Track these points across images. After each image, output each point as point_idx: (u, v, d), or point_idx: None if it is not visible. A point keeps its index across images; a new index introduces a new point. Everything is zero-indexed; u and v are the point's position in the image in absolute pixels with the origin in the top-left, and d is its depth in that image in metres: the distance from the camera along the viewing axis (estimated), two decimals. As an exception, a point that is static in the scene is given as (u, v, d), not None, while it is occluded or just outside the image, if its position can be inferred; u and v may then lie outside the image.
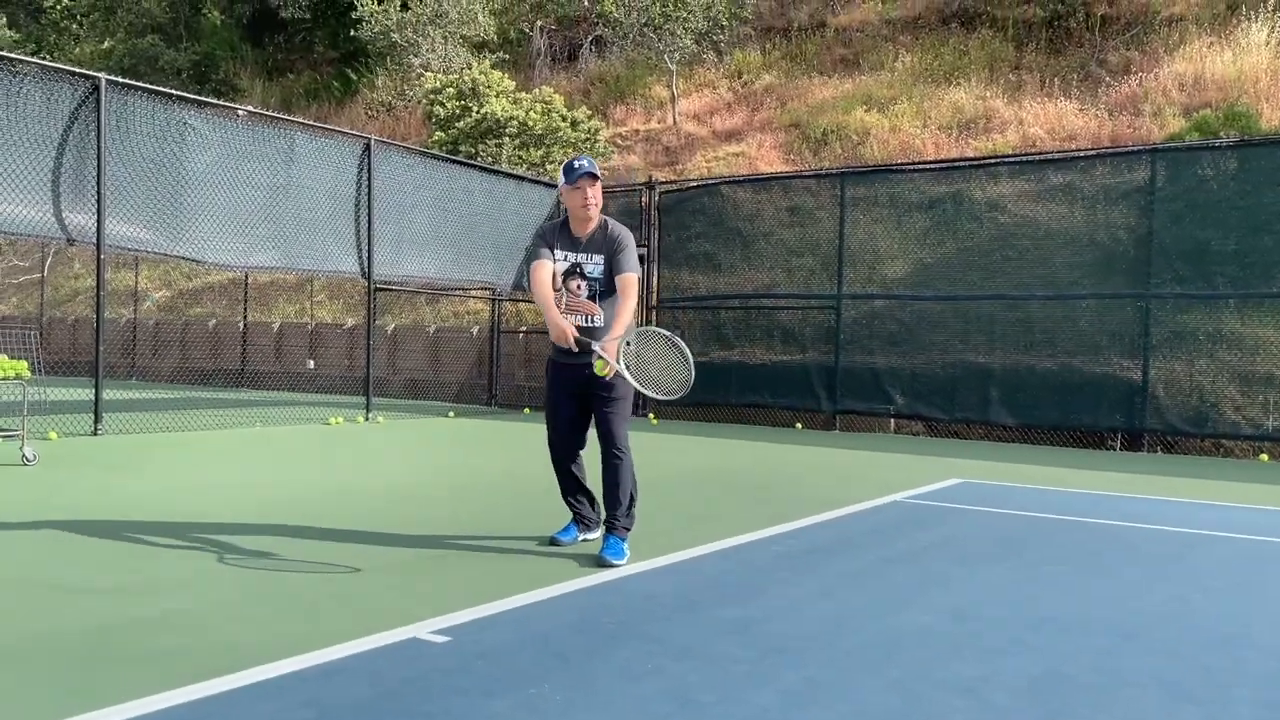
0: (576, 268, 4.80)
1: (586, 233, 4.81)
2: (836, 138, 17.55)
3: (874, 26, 20.26)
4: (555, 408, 4.99)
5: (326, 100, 25.02)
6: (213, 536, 4.95)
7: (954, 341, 11.71)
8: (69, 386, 10.68)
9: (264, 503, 6.03)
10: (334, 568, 4.39)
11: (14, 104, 8.71)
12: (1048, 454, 10.21)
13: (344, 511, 5.80)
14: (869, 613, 3.88)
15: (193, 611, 3.66)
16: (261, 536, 4.99)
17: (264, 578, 4.19)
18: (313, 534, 5.09)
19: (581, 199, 4.74)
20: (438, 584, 4.19)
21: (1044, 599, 4.17)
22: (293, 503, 6.06)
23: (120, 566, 4.32)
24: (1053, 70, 17.44)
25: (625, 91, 21.35)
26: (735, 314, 13.46)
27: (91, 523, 5.23)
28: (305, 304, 19.16)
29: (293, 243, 11.18)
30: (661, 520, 5.76)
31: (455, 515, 5.83)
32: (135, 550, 4.63)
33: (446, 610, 3.73)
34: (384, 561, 4.55)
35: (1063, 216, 11.22)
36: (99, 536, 4.89)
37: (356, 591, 4.02)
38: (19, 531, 4.96)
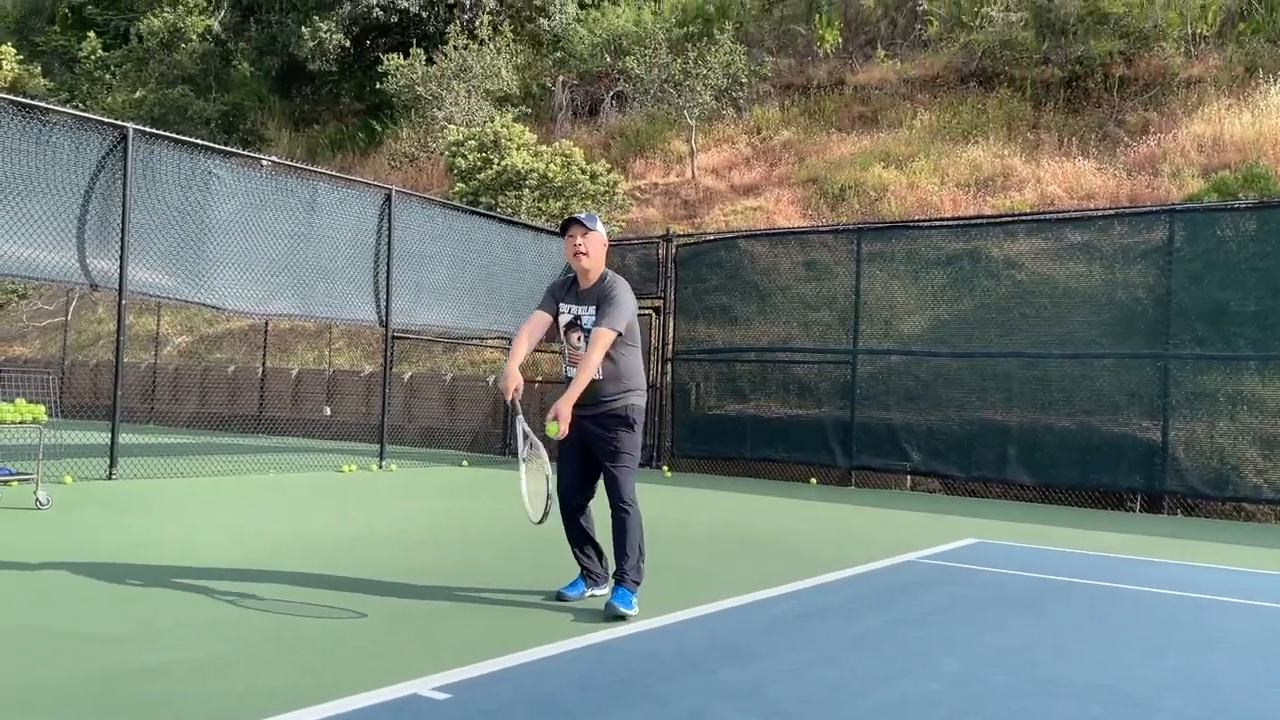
0: (576, 320, 4.82)
1: (588, 285, 4.84)
2: (854, 193, 17.64)
3: (892, 85, 20.46)
4: (561, 459, 4.98)
5: (351, 150, 25.42)
6: (219, 584, 4.93)
7: (971, 399, 11.64)
8: (87, 430, 10.76)
9: (272, 550, 6.02)
10: (338, 617, 4.37)
11: (44, 152, 8.89)
12: (1066, 514, 10.08)
13: (352, 560, 5.78)
14: (874, 678, 3.81)
15: (194, 660, 3.63)
16: (268, 584, 4.97)
17: (268, 627, 4.16)
18: (318, 582, 5.07)
19: (572, 247, 4.81)
20: (442, 638, 4.15)
21: (1055, 664, 4.09)
22: (300, 550, 6.04)
23: (125, 613, 4.30)
24: (1071, 129, 17.52)
25: (645, 145, 21.59)
26: (751, 367, 13.45)
27: (100, 568, 5.22)
28: (324, 350, 19.29)
29: (312, 291, 11.28)
30: (669, 576, 5.70)
31: (463, 565, 5.79)
32: (141, 597, 4.62)
33: (449, 666, 3.69)
34: (389, 613, 4.52)
35: (1081, 275, 11.18)
36: (107, 582, 4.88)
37: (359, 643, 3.99)
38: (28, 576, 4.96)
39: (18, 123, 8.70)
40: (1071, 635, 4.68)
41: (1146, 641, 4.62)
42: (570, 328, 4.82)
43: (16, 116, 8.71)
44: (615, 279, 4.85)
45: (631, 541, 4.73)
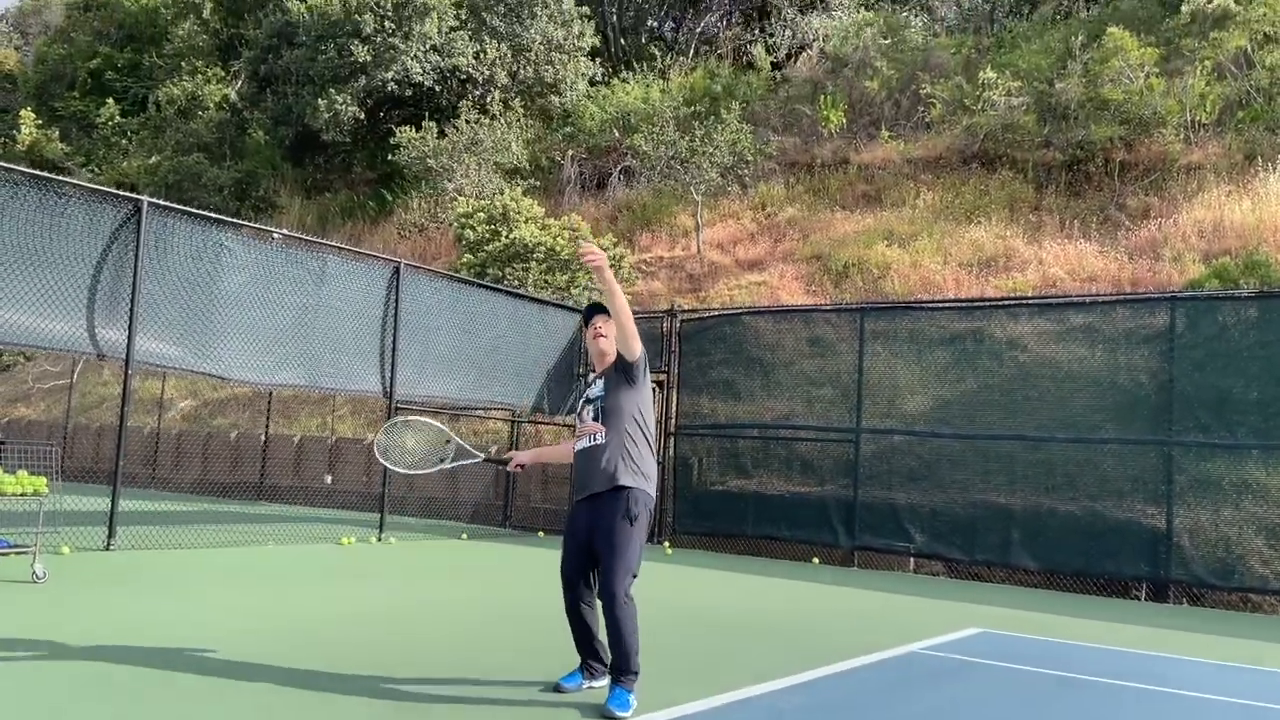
0: (586, 398, 4.96)
1: (604, 367, 4.98)
2: (858, 271, 17.79)
3: (896, 165, 20.76)
4: (565, 551, 4.96)
5: (361, 219, 25.74)
6: (209, 670, 4.88)
7: (974, 480, 11.58)
8: (88, 495, 10.72)
9: (265, 632, 5.95)
10: (329, 707, 4.31)
11: (59, 223, 9.01)
12: (1071, 602, 9.96)
13: (346, 645, 5.71)
14: (879, 784, 3.74)
15: (185, 757, 3.58)
16: (258, 671, 4.91)
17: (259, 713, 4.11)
18: (311, 669, 5.01)
19: (592, 332, 4.97)
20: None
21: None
22: (294, 633, 5.98)
23: (113, 699, 4.25)
24: (1072, 212, 17.72)
25: (651, 219, 21.85)
26: (754, 443, 13.42)
27: (91, 651, 5.17)
28: (327, 418, 19.30)
29: (318, 362, 11.33)
30: (671, 664, 5.63)
31: (459, 650, 5.72)
32: (129, 684, 4.56)
33: (443, 765, 3.63)
34: (381, 703, 4.46)
35: (1083, 358, 11.22)
36: (97, 664, 4.83)
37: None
38: (19, 657, 4.91)
39: (35, 195, 8.84)
40: (1077, 739, 4.60)
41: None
42: (584, 406, 4.93)
43: (34, 189, 8.86)
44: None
45: (624, 639, 4.61)
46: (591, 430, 4.82)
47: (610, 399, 4.82)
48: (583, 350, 14.93)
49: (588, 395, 4.92)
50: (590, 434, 4.82)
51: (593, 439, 4.80)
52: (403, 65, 24.17)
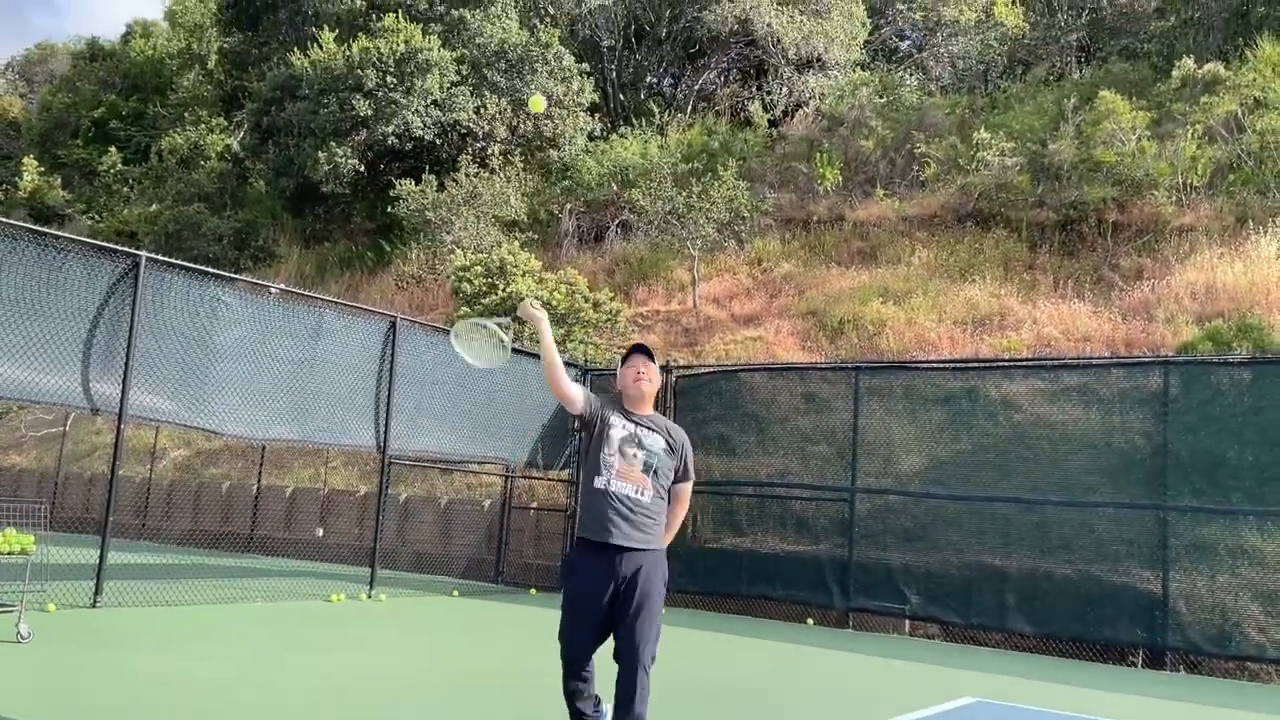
0: (634, 438, 4.65)
1: (643, 412, 4.78)
2: (853, 327, 17.85)
3: (891, 222, 20.93)
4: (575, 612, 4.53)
5: (360, 269, 25.85)
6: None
7: (969, 541, 11.52)
8: (76, 546, 10.62)
9: (249, 700, 5.87)
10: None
11: (55, 277, 9.04)
12: (1067, 669, 9.86)
13: (329, 711, 5.63)
14: None
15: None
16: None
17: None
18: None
19: (634, 373, 4.76)
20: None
21: None
22: (279, 700, 5.90)
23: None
24: (1066, 271, 17.85)
25: (648, 273, 21.96)
26: (749, 500, 13.36)
27: (77, 712, 5.09)
28: (320, 469, 19.21)
29: (312, 416, 11.31)
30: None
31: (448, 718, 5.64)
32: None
33: None
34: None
35: (1078, 419, 11.22)
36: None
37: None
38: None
39: (33, 249, 8.88)
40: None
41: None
42: (627, 442, 4.63)
43: (32, 243, 8.90)
44: (674, 424, 4.89)
45: (643, 708, 4.44)
46: (640, 483, 4.59)
47: (663, 466, 4.67)
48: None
49: (640, 439, 4.65)
50: (638, 485, 4.58)
51: (640, 491, 4.57)
52: (403, 119, 24.44)
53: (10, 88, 42.20)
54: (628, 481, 4.56)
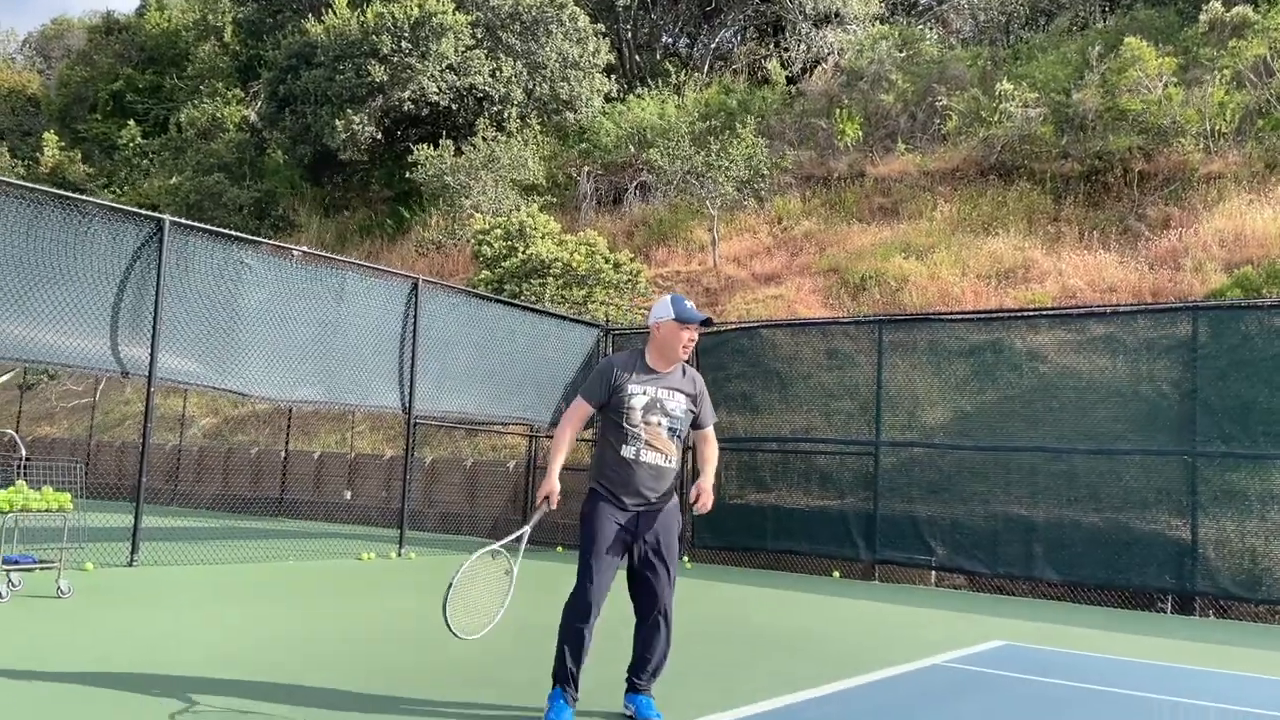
0: (657, 404, 4.61)
1: (667, 370, 4.68)
2: (875, 283, 17.75)
3: (912, 177, 20.73)
4: (597, 562, 4.54)
5: (380, 236, 25.90)
6: (234, 685, 4.89)
7: (995, 492, 11.50)
8: (111, 512, 10.79)
9: (286, 652, 5.97)
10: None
11: (82, 243, 9.12)
12: (1095, 615, 9.86)
13: (365, 662, 5.72)
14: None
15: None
16: (279, 686, 4.92)
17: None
18: (331, 688, 5.01)
19: (687, 338, 4.63)
20: (459, 745, 4.08)
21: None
22: (316, 652, 5.99)
23: (141, 715, 4.27)
24: (1091, 223, 17.65)
25: (667, 234, 21.89)
26: (772, 456, 13.37)
27: (114, 667, 5.20)
28: (346, 434, 19.38)
29: (337, 378, 11.39)
30: (695, 679, 5.60)
31: (480, 671, 5.72)
32: (151, 702, 4.58)
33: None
34: (407, 718, 4.46)
35: (1104, 369, 11.14)
36: (120, 683, 4.86)
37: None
38: (45, 672, 4.95)
39: (59, 214, 8.95)
40: (1104, 751, 4.54)
41: (1183, 759, 4.48)
42: (650, 410, 4.59)
43: (58, 208, 8.97)
44: (693, 370, 4.78)
45: (667, 650, 4.63)
46: (665, 449, 4.61)
47: (682, 423, 4.67)
48: (600, 365, 14.93)
49: (662, 404, 4.60)
50: (665, 454, 4.61)
51: (667, 459, 4.62)
52: (419, 85, 24.36)
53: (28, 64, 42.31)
54: (657, 451, 4.59)
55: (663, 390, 4.62)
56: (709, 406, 4.77)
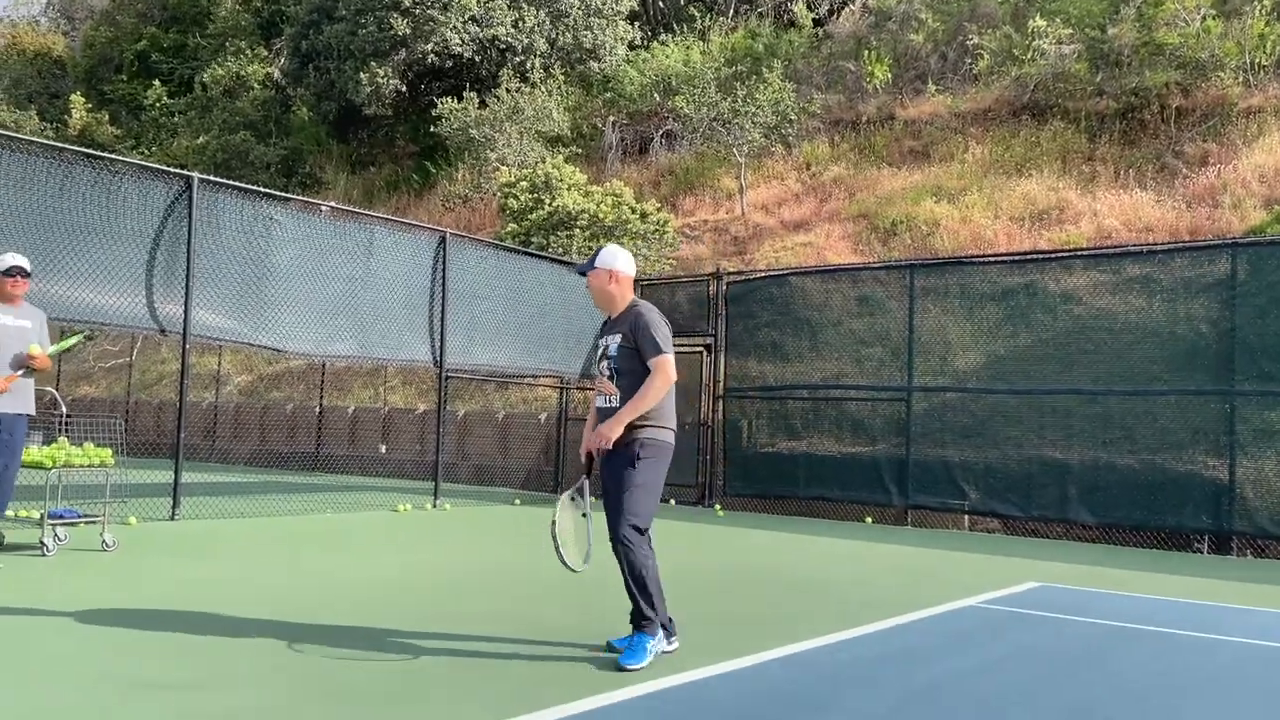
0: (601, 351, 4.91)
1: (616, 315, 4.90)
2: (906, 228, 17.55)
3: (943, 119, 20.37)
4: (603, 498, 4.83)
5: (406, 192, 25.89)
6: (280, 630, 5.00)
7: (1029, 436, 11.43)
8: (151, 469, 10.99)
9: (330, 595, 6.08)
10: (395, 667, 4.39)
11: (113, 202, 9.19)
12: (1131, 556, 9.83)
13: (407, 605, 5.82)
14: (941, 731, 3.73)
15: (258, 708, 3.68)
16: (326, 631, 5.02)
17: (327, 675, 4.20)
18: (375, 628, 5.11)
19: (593, 287, 4.93)
20: (493, 688, 4.16)
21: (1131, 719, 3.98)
22: (357, 595, 6.10)
23: (191, 660, 4.38)
24: (1127, 161, 17.29)
25: (694, 183, 21.71)
26: (803, 404, 13.36)
27: (165, 612, 5.32)
28: (379, 389, 19.55)
29: (369, 332, 11.47)
30: (727, 621, 5.65)
31: (516, 612, 5.80)
32: (204, 643, 4.69)
33: (501, 717, 3.69)
34: (442, 663, 4.54)
35: (1141, 309, 10.98)
36: (172, 627, 4.97)
37: (414, 693, 4.01)
38: (97, 622, 5.07)
39: (89, 173, 9.01)
40: (1145, 689, 4.55)
41: (1223, 696, 4.48)
42: (601, 358, 4.90)
43: (88, 167, 9.02)
44: (643, 306, 4.84)
45: (631, 583, 4.61)
46: (608, 391, 4.80)
47: (622, 363, 4.78)
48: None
49: (605, 351, 4.87)
50: (608, 395, 4.80)
51: (609, 400, 4.79)
52: (442, 36, 24.16)
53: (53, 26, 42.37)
54: (602, 394, 4.86)
55: (609, 337, 4.90)
56: (647, 339, 4.71)
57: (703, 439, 14.05)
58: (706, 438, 14.02)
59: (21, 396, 6.45)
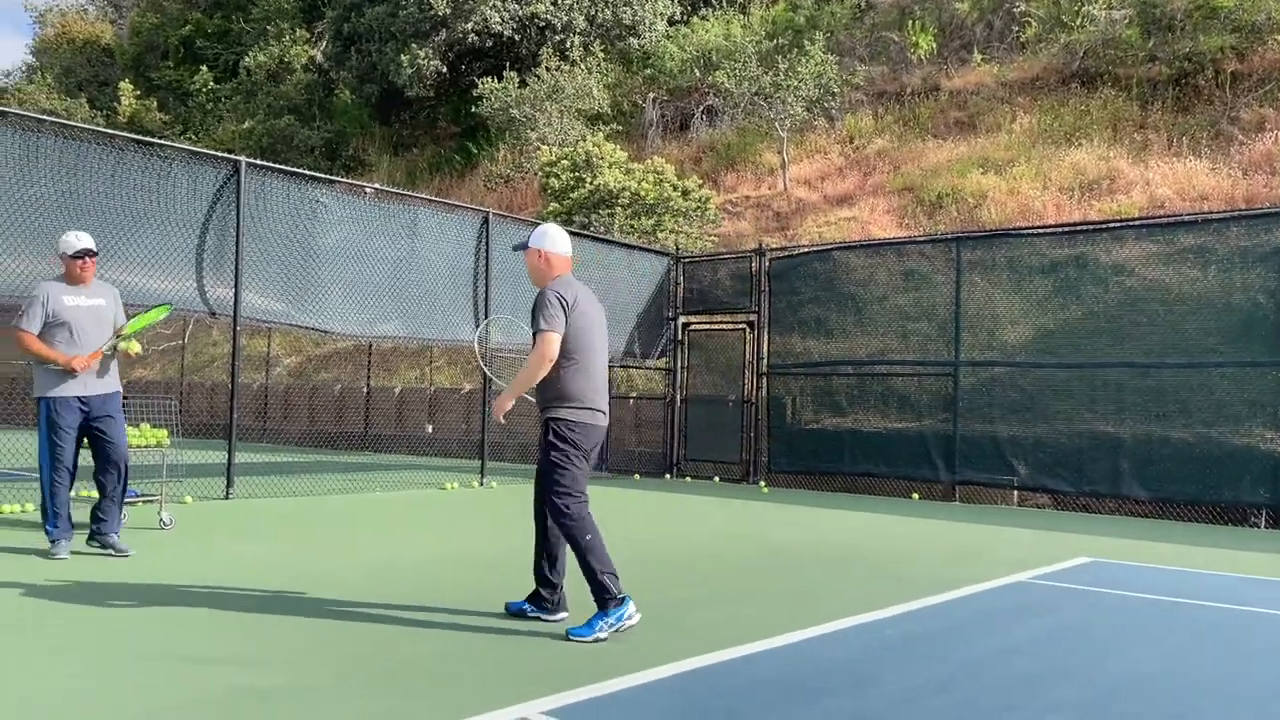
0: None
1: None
2: (952, 200, 17.29)
3: (989, 89, 20.01)
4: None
5: (448, 173, 26.01)
6: (333, 606, 5.09)
7: (1080, 410, 11.26)
8: (205, 449, 11.22)
9: (382, 571, 6.18)
10: (449, 642, 4.46)
11: (164, 187, 9.34)
12: (1185, 531, 9.67)
13: (459, 581, 5.89)
14: (990, 709, 3.71)
15: (312, 683, 3.76)
16: (379, 606, 5.10)
17: (382, 650, 4.27)
18: (427, 604, 5.18)
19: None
20: (546, 662, 4.20)
21: (1186, 698, 3.92)
22: (409, 571, 6.19)
23: (246, 636, 4.48)
24: (1181, 129, 16.87)
25: (736, 158, 21.56)
26: (848, 380, 13.27)
27: (222, 589, 5.44)
28: (425, 369, 19.74)
29: (415, 313, 11.58)
30: (773, 597, 5.66)
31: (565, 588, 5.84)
32: (260, 619, 4.79)
33: (553, 690, 3.73)
34: (495, 638, 4.60)
35: (1195, 280, 10.74)
36: (229, 604, 5.09)
37: (469, 667, 4.06)
38: (156, 598, 5.20)
39: (140, 159, 9.17)
40: (1201, 665, 4.49)
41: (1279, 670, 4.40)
42: None
43: (138, 154, 9.18)
44: (553, 284, 5.00)
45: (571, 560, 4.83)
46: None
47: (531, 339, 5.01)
48: (670, 293, 14.91)
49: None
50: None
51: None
52: (482, 16, 24.17)
53: (100, 14, 43.01)
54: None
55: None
56: (534, 316, 4.94)
57: (746, 416, 14.02)
58: (750, 414, 13.99)
59: (110, 375, 6.52)
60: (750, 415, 13.99)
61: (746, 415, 14.03)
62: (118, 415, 6.52)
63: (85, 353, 6.31)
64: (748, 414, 14.03)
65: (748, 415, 14.03)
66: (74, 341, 6.30)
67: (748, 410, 14.03)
